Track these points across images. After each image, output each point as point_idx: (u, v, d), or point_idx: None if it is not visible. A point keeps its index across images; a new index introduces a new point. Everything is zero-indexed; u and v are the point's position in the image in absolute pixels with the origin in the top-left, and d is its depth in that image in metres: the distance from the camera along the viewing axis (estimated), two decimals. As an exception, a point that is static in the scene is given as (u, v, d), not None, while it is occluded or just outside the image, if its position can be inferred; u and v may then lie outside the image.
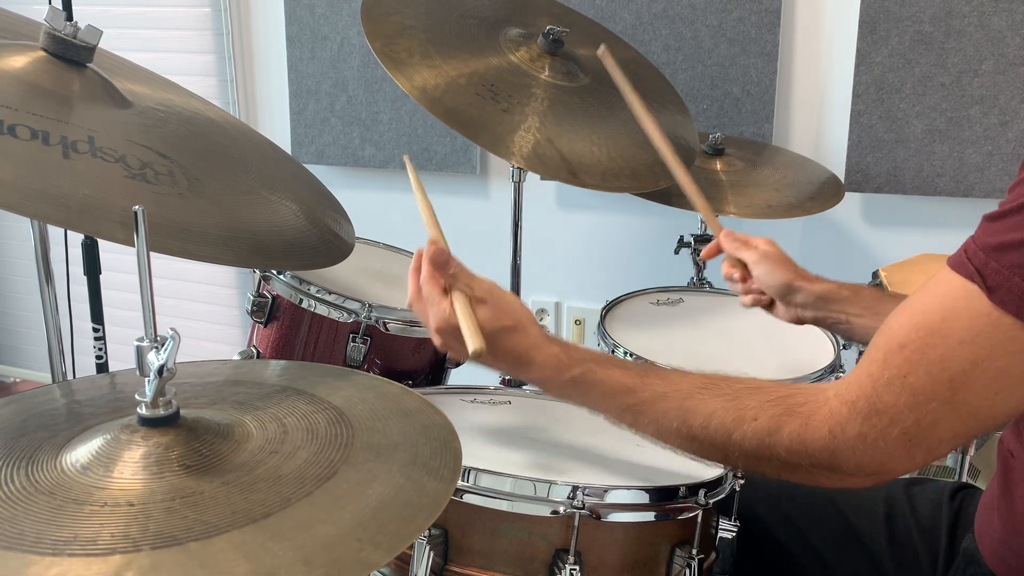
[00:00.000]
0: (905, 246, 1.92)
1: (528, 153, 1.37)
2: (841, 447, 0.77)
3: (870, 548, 1.12)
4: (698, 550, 1.00)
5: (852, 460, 0.77)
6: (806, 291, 1.17)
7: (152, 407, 0.71)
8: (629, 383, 0.89)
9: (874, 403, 0.75)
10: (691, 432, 0.85)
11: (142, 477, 0.67)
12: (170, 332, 0.70)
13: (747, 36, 1.96)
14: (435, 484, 0.71)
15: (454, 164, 2.29)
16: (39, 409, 0.81)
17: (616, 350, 1.38)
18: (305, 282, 1.36)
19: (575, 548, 0.94)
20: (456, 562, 0.97)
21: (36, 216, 1.04)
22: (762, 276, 1.19)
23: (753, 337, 1.38)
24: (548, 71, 1.50)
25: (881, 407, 0.75)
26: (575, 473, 1.05)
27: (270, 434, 0.75)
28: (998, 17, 1.77)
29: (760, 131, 1.99)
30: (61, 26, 1.03)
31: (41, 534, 0.61)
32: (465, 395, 1.27)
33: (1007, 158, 1.82)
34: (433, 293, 0.92)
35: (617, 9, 2.04)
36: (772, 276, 1.18)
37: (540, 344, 0.93)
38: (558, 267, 2.31)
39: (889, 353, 0.75)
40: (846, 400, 0.77)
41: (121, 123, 1.03)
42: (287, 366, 0.99)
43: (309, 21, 2.33)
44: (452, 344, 0.93)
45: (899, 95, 1.86)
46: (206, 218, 0.97)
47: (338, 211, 1.28)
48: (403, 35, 1.44)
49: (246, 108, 2.53)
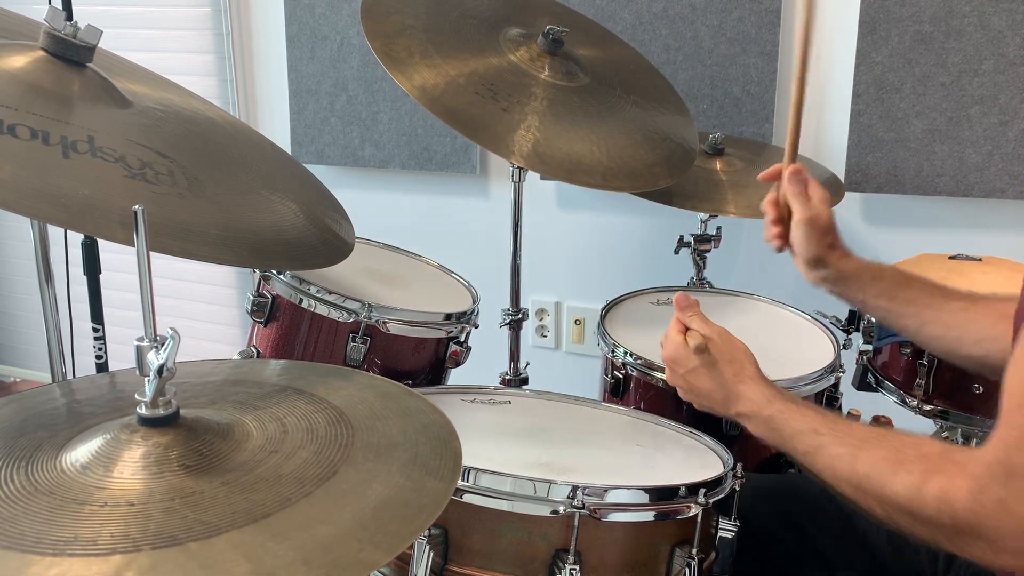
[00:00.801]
0: (905, 246, 1.91)
1: (528, 152, 1.37)
2: (983, 511, 0.75)
3: (870, 547, 1.12)
4: (698, 550, 1.00)
5: (994, 526, 0.74)
6: (831, 268, 1.17)
7: (152, 407, 0.71)
8: (818, 426, 0.95)
9: (1008, 465, 0.74)
10: (857, 479, 0.88)
11: (142, 477, 0.67)
12: (170, 332, 0.70)
13: (747, 36, 1.96)
14: (435, 484, 0.71)
15: (454, 164, 2.29)
16: (39, 409, 0.81)
17: (616, 350, 1.38)
18: (305, 282, 1.36)
19: (575, 548, 0.94)
20: (456, 562, 0.97)
21: (36, 216, 1.04)
22: (797, 240, 1.18)
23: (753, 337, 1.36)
24: (548, 71, 1.50)
25: (1016, 469, 0.73)
26: (575, 473, 1.05)
27: (270, 434, 0.75)
28: (998, 17, 1.77)
29: (760, 131, 1.99)
30: (61, 26, 1.03)
31: (41, 534, 0.61)
32: (465, 395, 1.27)
33: (1007, 158, 1.82)
34: (671, 330, 1.12)
35: (617, 9, 2.04)
36: (806, 244, 1.17)
37: (752, 381, 1.05)
38: (558, 267, 2.31)
39: (1011, 414, 0.75)
40: (984, 461, 0.76)
41: (121, 123, 1.03)
42: (287, 366, 0.99)
43: (309, 21, 2.33)
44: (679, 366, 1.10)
45: (899, 95, 1.86)
46: (206, 218, 0.97)
47: (338, 211, 1.27)
48: (403, 35, 1.44)
49: (246, 108, 2.53)
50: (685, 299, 1.11)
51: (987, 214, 1.90)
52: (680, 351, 1.09)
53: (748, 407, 1.03)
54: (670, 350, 1.11)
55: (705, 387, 1.08)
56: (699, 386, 1.09)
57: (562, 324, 2.35)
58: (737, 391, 1.05)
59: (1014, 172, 1.82)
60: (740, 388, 1.05)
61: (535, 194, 2.20)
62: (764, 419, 1.01)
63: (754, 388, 1.04)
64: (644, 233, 2.19)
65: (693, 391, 1.11)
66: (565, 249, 2.29)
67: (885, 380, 1.49)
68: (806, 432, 0.96)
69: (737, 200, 1.67)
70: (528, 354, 1.78)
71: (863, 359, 1.53)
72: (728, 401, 1.06)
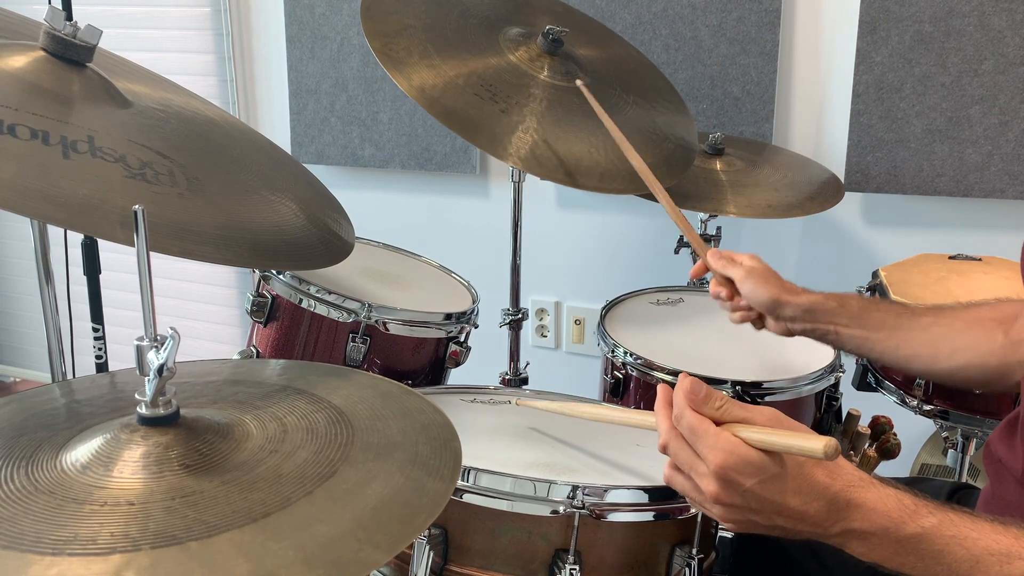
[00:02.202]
0: (905, 246, 1.92)
1: (526, 154, 1.37)
2: None
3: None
4: (698, 550, 0.99)
5: None
6: (793, 304, 1.16)
7: (152, 406, 0.71)
8: (1012, 545, 0.69)
9: None
10: None
11: (142, 476, 0.67)
12: (170, 332, 0.70)
13: (747, 36, 1.96)
14: (435, 484, 0.71)
15: (454, 164, 2.29)
16: (39, 409, 0.81)
17: (616, 350, 1.38)
18: (305, 282, 1.36)
19: (575, 548, 0.94)
20: (456, 562, 0.97)
21: (36, 216, 1.04)
22: (749, 293, 1.19)
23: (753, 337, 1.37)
24: (547, 71, 1.50)
25: None
26: (575, 473, 1.05)
27: (270, 433, 0.75)
28: (998, 17, 1.77)
29: (760, 131, 1.99)
30: (61, 26, 1.03)
31: (41, 534, 0.61)
32: (465, 395, 1.27)
33: (1007, 158, 1.82)
34: (705, 426, 0.74)
35: (617, 9, 2.04)
36: (758, 292, 1.18)
37: (866, 483, 0.74)
38: (558, 267, 2.31)
39: None
40: None
41: (121, 123, 1.03)
42: (287, 365, 0.98)
43: (309, 21, 2.33)
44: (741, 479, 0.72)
45: (899, 95, 1.86)
46: (206, 218, 0.97)
47: (338, 211, 1.27)
48: (402, 34, 1.44)
49: (246, 108, 2.53)
50: (700, 386, 0.76)
51: (987, 214, 1.90)
52: (738, 459, 0.72)
53: (870, 522, 0.72)
54: (720, 459, 0.72)
55: (792, 503, 0.73)
56: (785, 502, 0.73)
57: (562, 324, 2.35)
58: (849, 498, 0.73)
59: (1014, 172, 1.82)
60: (853, 495, 0.73)
61: (535, 194, 2.21)
62: (904, 539, 0.72)
63: (876, 493, 0.73)
64: (644, 233, 2.19)
65: (769, 511, 0.74)
66: (565, 249, 2.29)
67: (885, 380, 1.49)
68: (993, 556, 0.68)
69: (737, 200, 1.67)
70: (528, 354, 1.78)
71: (863, 359, 1.53)
72: (835, 515, 0.73)
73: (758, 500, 0.73)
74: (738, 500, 0.73)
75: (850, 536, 0.74)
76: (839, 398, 1.43)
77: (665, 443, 0.77)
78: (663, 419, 0.77)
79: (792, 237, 2.06)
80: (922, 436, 1.96)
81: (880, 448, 1.39)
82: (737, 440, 0.72)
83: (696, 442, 0.74)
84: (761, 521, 0.74)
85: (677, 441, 0.76)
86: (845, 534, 0.74)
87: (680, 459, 0.76)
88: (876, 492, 0.73)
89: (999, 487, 0.95)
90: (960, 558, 0.69)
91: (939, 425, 1.46)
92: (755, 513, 0.74)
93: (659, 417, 0.78)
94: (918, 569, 0.71)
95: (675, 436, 0.76)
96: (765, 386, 1.29)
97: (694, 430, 0.74)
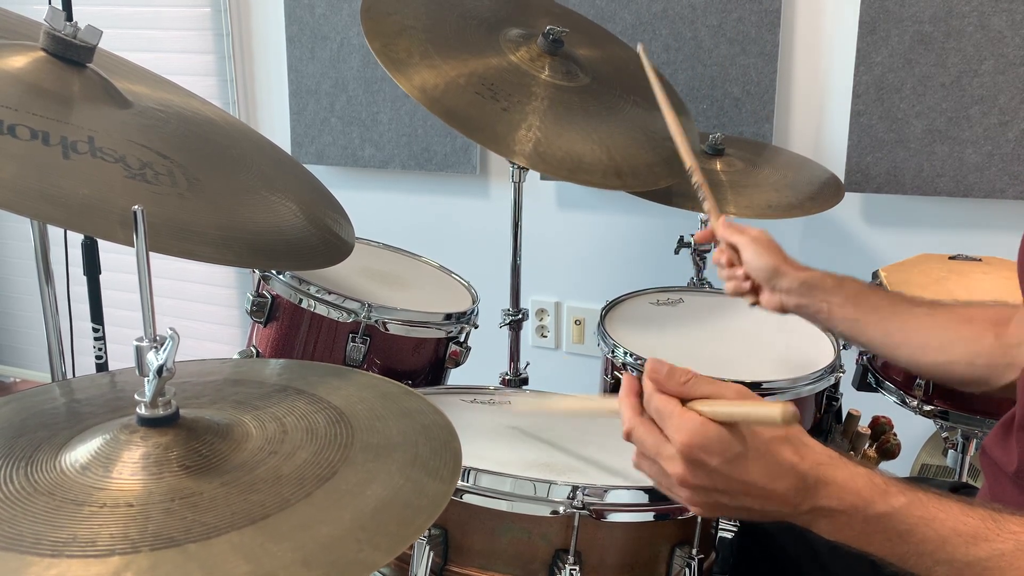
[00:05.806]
0: (905, 246, 1.91)
1: (529, 151, 1.37)
2: None
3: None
4: (698, 550, 0.99)
5: None
6: (791, 276, 1.18)
7: (151, 407, 0.71)
8: (978, 527, 0.68)
9: None
10: None
11: (141, 477, 0.67)
12: (169, 332, 0.70)
13: (747, 36, 1.96)
14: (435, 484, 0.71)
15: (454, 164, 2.29)
16: (39, 408, 0.81)
17: (616, 350, 1.38)
18: (305, 282, 1.36)
19: (575, 548, 0.94)
20: (456, 562, 0.97)
21: (36, 216, 1.04)
22: (751, 259, 1.20)
23: (753, 337, 1.38)
24: (548, 71, 1.50)
25: None
26: (575, 473, 1.05)
27: (269, 434, 0.75)
28: (998, 17, 1.77)
29: (760, 131, 1.99)
30: (61, 26, 1.03)
31: (40, 535, 0.61)
32: (465, 395, 1.27)
33: (1007, 158, 1.82)
34: (671, 407, 0.72)
35: (617, 9, 2.04)
36: (760, 260, 1.19)
37: (836, 462, 0.72)
38: (558, 267, 2.31)
39: None
40: None
41: (121, 123, 1.03)
42: (286, 365, 0.98)
43: (309, 21, 2.33)
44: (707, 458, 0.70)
45: (899, 95, 1.86)
46: (206, 218, 0.97)
47: (338, 211, 1.27)
48: (403, 35, 1.44)
49: (246, 108, 2.53)
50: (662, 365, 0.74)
51: (987, 214, 1.90)
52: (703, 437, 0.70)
53: (839, 500, 0.71)
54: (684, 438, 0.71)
55: (760, 481, 0.71)
56: (753, 480, 0.71)
57: (562, 324, 2.35)
58: (819, 476, 0.71)
59: (1014, 172, 1.82)
60: (823, 472, 0.71)
61: (535, 194, 2.20)
62: (873, 518, 0.70)
63: (847, 471, 0.71)
64: (644, 233, 2.19)
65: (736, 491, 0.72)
66: (565, 249, 2.29)
67: (885, 380, 1.49)
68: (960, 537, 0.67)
69: (737, 200, 1.67)
70: (528, 354, 1.78)
71: (863, 359, 1.53)
72: (803, 493, 0.72)
73: (725, 480, 0.71)
74: (705, 481, 0.72)
75: (818, 514, 0.72)
76: (839, 398, 1.43)
77: (629, 430, 0.76)
78: (626, 407, 0.77)
79: (792, 238, 2.06)
80: (922, 436, 1.96)
81: (880, 448, 1.40)
82: (701, 418, 0.70)
83: (664, 424, 0.73)
84: (728, 502, 0.73)
85: (642, 427, 0.75)
86: (813, 511, 0.72)
87: (646, 445, 0.75)
88: (846, 470, 0.72)
89: (995, 488, 0.95)
90: (927, 538, 0.69)
91: (939, 425, 1.46)
92: (722, 494, 0.73)
93: (623, 406, 0.77)
94: (884, 548, 0.71)
95: (640, 422, 0.75)
96: (765, 386, 1.29)
97: (660, 412, 0.73)
